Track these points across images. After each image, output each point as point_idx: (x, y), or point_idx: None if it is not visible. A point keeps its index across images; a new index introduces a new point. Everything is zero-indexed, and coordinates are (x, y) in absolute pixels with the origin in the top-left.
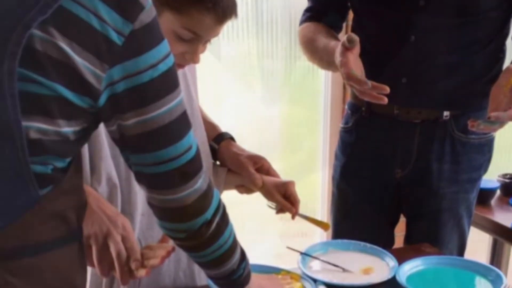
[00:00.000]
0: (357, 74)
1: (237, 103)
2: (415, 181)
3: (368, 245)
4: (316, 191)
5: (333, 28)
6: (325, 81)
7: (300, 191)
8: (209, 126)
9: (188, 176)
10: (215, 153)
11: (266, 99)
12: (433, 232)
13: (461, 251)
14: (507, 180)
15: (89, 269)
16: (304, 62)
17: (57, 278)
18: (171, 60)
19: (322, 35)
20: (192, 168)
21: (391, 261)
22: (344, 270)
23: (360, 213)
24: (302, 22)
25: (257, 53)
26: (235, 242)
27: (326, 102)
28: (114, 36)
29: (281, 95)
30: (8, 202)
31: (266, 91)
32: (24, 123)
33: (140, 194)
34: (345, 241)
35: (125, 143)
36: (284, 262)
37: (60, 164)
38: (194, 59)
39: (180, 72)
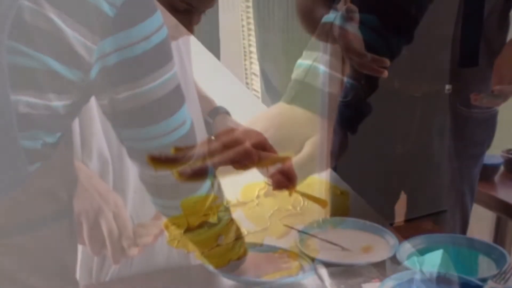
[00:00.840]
0: (356, 46)
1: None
2: (416, 157)
3: (368, 222)
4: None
5: None
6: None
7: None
8: (204, 100)
9: (181, 152)
10: (210, 128)
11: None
12: (435, 209)
13: (463, 228)
14: (511, 156)
15: (79, 248)
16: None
17: (47, 257)
18: (164, 32)
19: (320, 5)
20: (185, 143)
21: (392, 239)
22: (343, 248)
23: (359, 190)
24: None
25: (253, 25)
26: (230, 219)
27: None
28: (106, 7)
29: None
30: None
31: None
32: (13, 97)
33: (132, 170)
34: (344, 218)
35: (116, 118)
36: (281, 241)
37: (49, 139)
38: (189, 31)
39: (173, 45)
